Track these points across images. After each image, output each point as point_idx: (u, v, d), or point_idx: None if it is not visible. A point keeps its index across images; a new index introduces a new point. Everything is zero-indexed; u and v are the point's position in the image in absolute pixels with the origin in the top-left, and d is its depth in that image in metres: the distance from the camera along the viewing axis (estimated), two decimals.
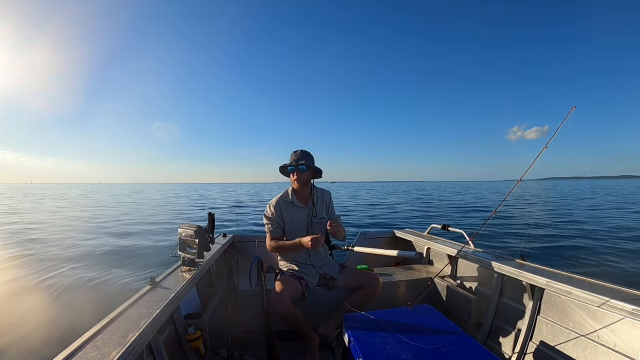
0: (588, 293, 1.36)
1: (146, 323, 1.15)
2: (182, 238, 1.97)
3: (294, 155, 2.01)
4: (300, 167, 1.96)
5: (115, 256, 6.08)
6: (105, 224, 10.91)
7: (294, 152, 2.03)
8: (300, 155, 2.00)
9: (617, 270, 5.01)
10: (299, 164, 1.96)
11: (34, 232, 9.08)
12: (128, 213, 15.20)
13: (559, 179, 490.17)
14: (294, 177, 1.98)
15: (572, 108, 1.60)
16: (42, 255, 6.06)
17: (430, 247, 2.64)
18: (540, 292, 1.63)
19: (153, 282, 1.57)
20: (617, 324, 1.29)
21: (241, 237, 2.96)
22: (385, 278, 2.28)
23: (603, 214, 12.72)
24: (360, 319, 1.50)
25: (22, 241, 7.61)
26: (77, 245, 7.16)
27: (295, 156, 2.00)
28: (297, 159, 1.97)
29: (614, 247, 6.52)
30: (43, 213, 15.22)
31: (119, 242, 7.50)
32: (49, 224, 10.88)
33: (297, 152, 2.02)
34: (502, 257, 1.96)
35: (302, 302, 1.95)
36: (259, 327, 1.84)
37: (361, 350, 1.23)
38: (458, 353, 1.20)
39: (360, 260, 2.88)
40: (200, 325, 1.70)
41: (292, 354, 1.88)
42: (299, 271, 2.03)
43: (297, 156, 1.99)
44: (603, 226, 9.43)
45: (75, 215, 14.41)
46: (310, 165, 1.99)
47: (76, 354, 0.96)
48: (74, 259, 5.79)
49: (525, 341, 1.62)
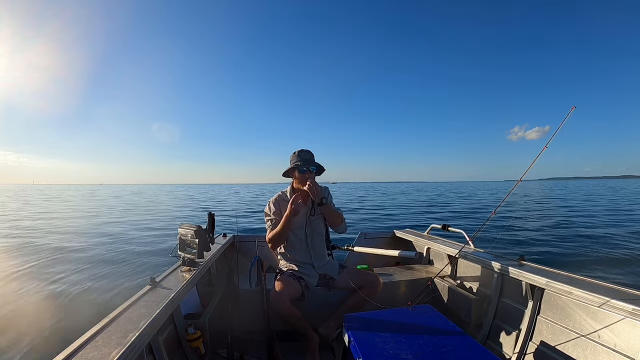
0: (588, 293, 1.36)
1: (146, 323, 1.15)
2: (182, 238, 1.97)
3: (303, 155, 1.96)
4: (312, 167, 1.95)
5: (115, 256, 6.08)
6: (105, 225, 10.92)
7: (298, 153, 1.98)
8: (310, 155, 1.97)
9: (617, 269, 5.01)
10: (310, 166, 1.94)
11: (34, 232, 9.09)
12: (129, 213, 15.21)
13: (560, 179, 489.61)
14: (301, 177, 1.95)
15: (572, 108, 1.60)
16: (42, 255, 6.06)
17: (430, 247, 2.64)
18: (540, 292, 1.63)
19: (153, 282, 1.57)
20: (617, 324, 1.29)
21: (241, 237, 2.96)
22: (385, 278, 2.28)
23: (603, 214, 12.73)
24: (360, 319, 1.50)
25: (22, 241, 7.61)
26: (77, 245, 7.16)
27: (304, 156, 1.95)
28: (309, 160, 1.95)
29: (614, 247, 6.52)
30: (45, 215, 15.22)
31: (119, 242, 7.50)
32: (49, 225, 10.89)
33: (305, 153, 1.97)
34: (502, 257, 1.96)
35: (302, 302, 1.95)
36: (259, 327, 1.83)
37: (361, 350, 1.23)
38: (458, 353, 1.20)
39: (360, 260, 2.88)
40: (200, 325, 1.70)
41: (292, 354, 1.88)
42: (298, 271, 2.02)
43: (307, 156, 1.95)
44: (603, 226, 9.43)
45: (76, 215, 14.43)
46: (320, 165, 1.99)
47: (76, 354, 0.96)
48: (74, 259, 5.79)
49: (525, 341, 1.62)
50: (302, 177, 1.95)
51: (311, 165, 1.95)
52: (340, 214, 2.05)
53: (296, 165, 1.95)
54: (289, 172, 2.03)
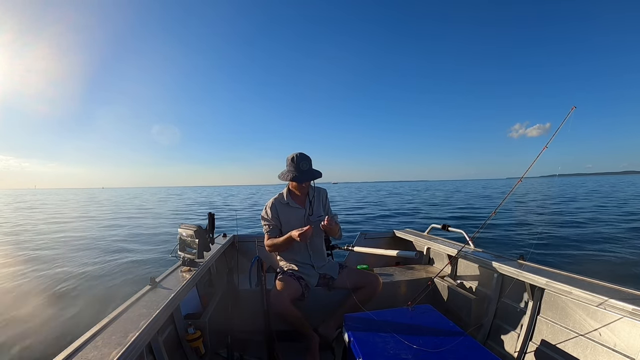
0: (588, 293, 1.36)
1: (146, 323, 1.15)
2: (182, 238, 1.97)
3: (301, 166, 1.91)
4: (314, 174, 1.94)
5: (115, 256, 6.08)
6: (105, 224, 10.91)
7: (296, 160, 1.91)
8: (307, 166, 1.92)
9: (618, 269, 5.01)
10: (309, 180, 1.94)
11: (35, 233, 9.08)
12: (130, 215, 15.20)
13: (562, 176, 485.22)
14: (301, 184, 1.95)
15: (572, 108, 1.60)
16: (42, 256, 6.06)
17: (430, 247, 2.64)
18: (540, 292, 1.63)
19: (153, 282, 1.57)
20: (617, 323, 1.29)
21: (241, 237, 2.96)
22: (385, 278, 2.28)
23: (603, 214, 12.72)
24: (360, 319, 1.50)
25: (22, 241, 7.61)
26: (77, 245, 7.16)
27: (302, 167, 1.90)
28: (306, 171, 1.91)
29: (613, 247, 6.51)
30: (46, 218, 15.22)
31: (119, 242, 7.49)
32: (51, 226, 10.88)
33: (303, 162, 1.91)
34: (502, 257, 1.96)
35: (302, 302, 1.95)
36: (259, 327, 1.83)
37: (361, 350, 1.23)
38: (458, 353, 1.20)
39: (360, 260, 2.88)
40: (200, 325, 1.70)
41: (292, 354, 1.88)
42: (298, 271, 2.02)
43: (304, 167, 1.91)
44: (603, 226, 9.42)
45: (78, 217, 14.42)
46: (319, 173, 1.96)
47: (76, 354, 0.96)
48: (74, 259, 5.79)
49: (525, 341, 1.62)
50: (299, 185, 1.96)
51: (308, 178, 1.93)
52: (338, 223, 2.01)
53: (294, 177, 1.91)
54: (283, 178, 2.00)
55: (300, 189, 2.01)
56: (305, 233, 1.81)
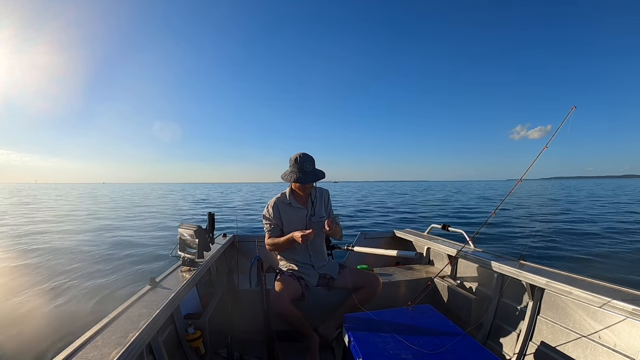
0: (588, 293, 1.36)
1: (146, 323, 1.15)
2: (182, 238, 1.97)
3: (304, 167, 1.89)
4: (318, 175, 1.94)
5: (115, 256, 6.08)
6: (105, 224, 10.91)
7: (299, 160, 1.89)
8: (311, 167, 1.91)
9: (618, 269, 5.01)
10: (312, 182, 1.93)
11: (33, 233, 9.09)
12: (130, 212, 15.21)
13: (562, 179, 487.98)
14: (304, 185, 1.95)
15: (572, 108, 1.60)
16: (42, 256, 6.06)
17: (430, 247, 2.64)
18: (541, 292, 1.63)
19: (153, 282, 1.57)
20: (617, 324, 1.29)
21: (241, 237, 2.96)
22: (385, 278, 2.28)
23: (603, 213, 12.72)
24: (360, 319, 1.50)
25: (22, 241, 7.61)
26: (77, 245, 7.16)
27: (305, 168, 1.89)
28: (310, 172, 1.90)
29: (613, 247, 6.52)
30: (46, 215, 15.22)
31: (119, 242, 7.49)
32: (50, 226, 10.89)
33: (306, 163, 1.90)
34: (502, 257, 1.96)
35: (302, 302, 1.95)
36: (259, 327, 1.83)
37: (361, 350, 1.23)
38: (458, 353, 1.20)
39: (360, 260, 2.88)
40: (200, 325, 1.70)
41: (292, 354, 1.88)
42: (298, 271, 2.03)
43: (308, 168, 1.90)
44: (604, 225, 9.43)
45: (77, 214, 14.43)
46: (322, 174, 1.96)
47: (76, 354, 0.96)
48: (74, 259, 5.79)
49: (525, 341, 1.62)
50: (302, 186, 1.96)
51: (312, 179, 1.92)
52: (339, 225, 2.02)
53: (297, 178, 1.90)
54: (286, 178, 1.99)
55: (303, 190, 2.00)
56: (308, 236, 1.81)
